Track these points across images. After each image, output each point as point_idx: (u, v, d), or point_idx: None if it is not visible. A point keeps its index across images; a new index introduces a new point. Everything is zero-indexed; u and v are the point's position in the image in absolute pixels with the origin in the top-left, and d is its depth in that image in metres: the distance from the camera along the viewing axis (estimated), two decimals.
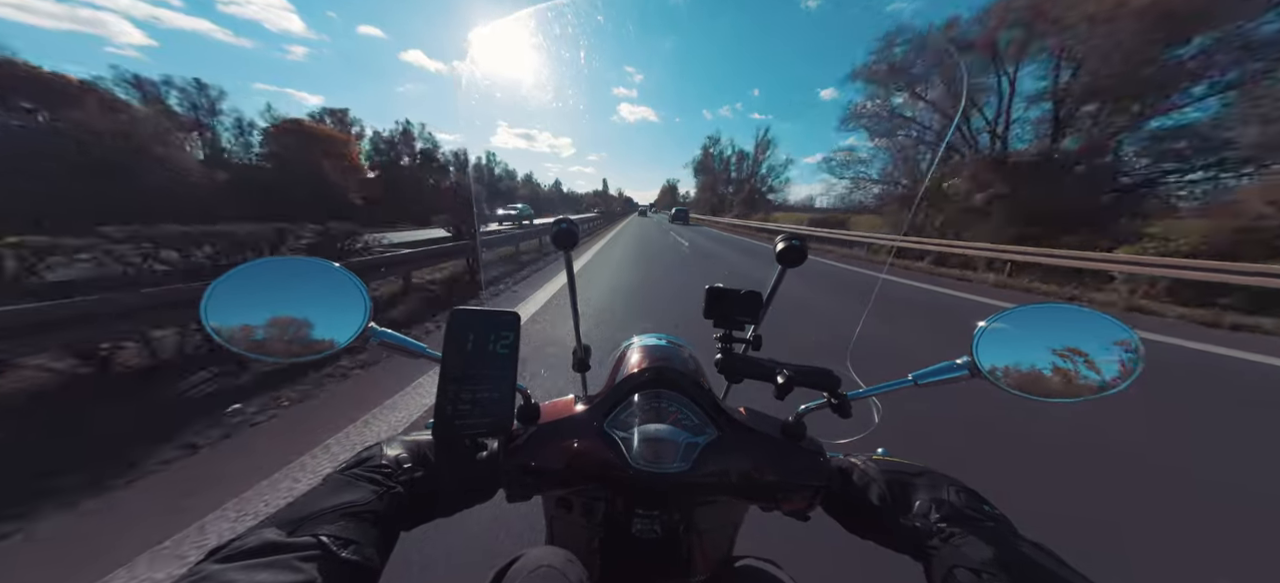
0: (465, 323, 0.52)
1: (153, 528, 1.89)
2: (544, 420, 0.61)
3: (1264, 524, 2.05)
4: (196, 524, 1.91)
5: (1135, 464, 2.54)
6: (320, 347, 0.49)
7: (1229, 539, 1.96)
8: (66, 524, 1.96)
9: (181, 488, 2.20)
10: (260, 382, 3.41)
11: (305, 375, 3.55)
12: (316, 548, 0.36)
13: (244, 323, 0.47)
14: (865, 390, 0.61)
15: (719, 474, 0.58)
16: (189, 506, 2.03)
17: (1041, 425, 2.82)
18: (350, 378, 3.60)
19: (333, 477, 0.46)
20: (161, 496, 2.14)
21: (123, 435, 2.63)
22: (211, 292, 0.46)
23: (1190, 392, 3.69)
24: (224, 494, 2.10)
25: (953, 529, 0.43)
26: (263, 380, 3.43)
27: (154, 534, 1.86)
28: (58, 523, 1.95)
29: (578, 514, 0.65)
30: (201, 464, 2.44)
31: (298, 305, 0.49)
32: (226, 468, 2.35)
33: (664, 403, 0.61)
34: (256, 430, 2.79)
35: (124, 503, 2.11)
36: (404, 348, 0.56)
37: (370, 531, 0.40)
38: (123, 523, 1.96)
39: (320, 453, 2.48)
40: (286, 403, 3.12)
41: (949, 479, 0.50)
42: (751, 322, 0.70)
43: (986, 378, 0.52)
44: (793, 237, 0.61)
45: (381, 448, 0.51)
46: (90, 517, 2.01)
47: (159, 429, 2.70)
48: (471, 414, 0.51)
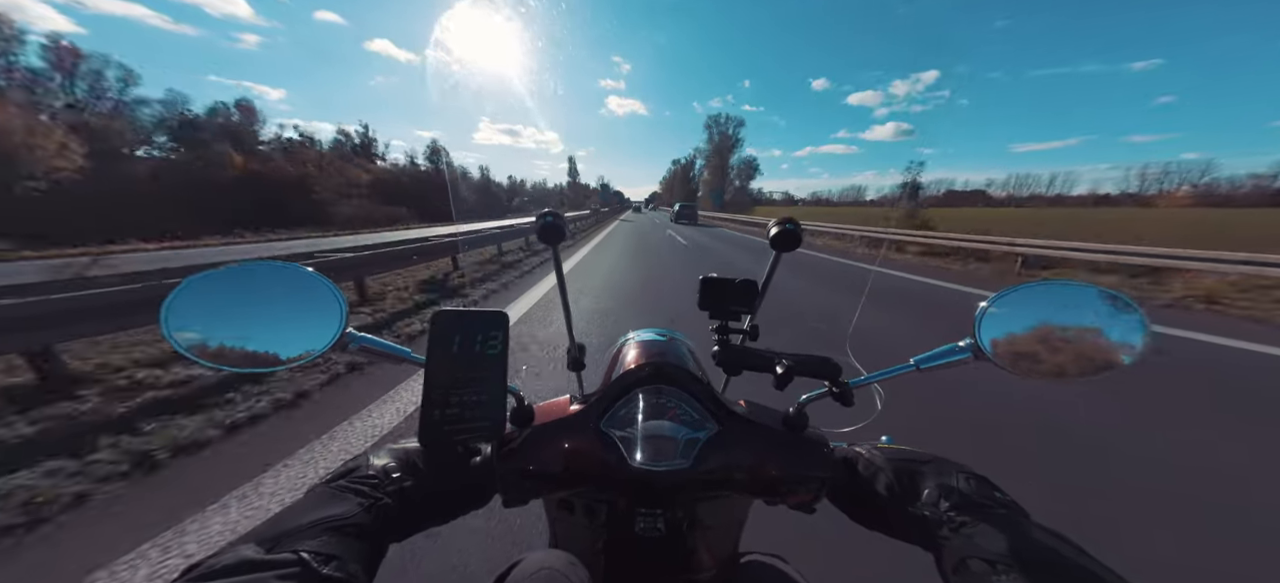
0: (450, 324, 0.50)
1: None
2: (539, 422, 0.59)
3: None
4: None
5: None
6: (293, 356, 0.46)
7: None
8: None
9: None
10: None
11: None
12: (296, 565, 0.34)
13: (208, 333, 0.44)
14: (866, 377, 0.60)
15: (721, 469, 0.56)
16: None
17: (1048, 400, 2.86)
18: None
19: (316, 489, 0.44)
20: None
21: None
22: (171, 301, 0.43)
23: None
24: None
25: (964, 518, 0.42)
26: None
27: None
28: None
29: (580, 516, 0.64)
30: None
31: (267, 312, 0.46)
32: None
33: (662, 399, 0.59)
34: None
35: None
36: (385, 353, 0.53)
37: (355, 545, 0.38)
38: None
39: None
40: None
41: (958, 466, 0.49)
42: (747, 312, 0.68)
43: (990, 359, 0.51)
44: (787, 220, 0.60)
45: (368, 458, 0.49)
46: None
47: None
48: (461, 420, 0.49)
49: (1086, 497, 2.09)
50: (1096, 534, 1.81)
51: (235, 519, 1.90)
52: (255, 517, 1.92)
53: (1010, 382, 1.01)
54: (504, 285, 7.66)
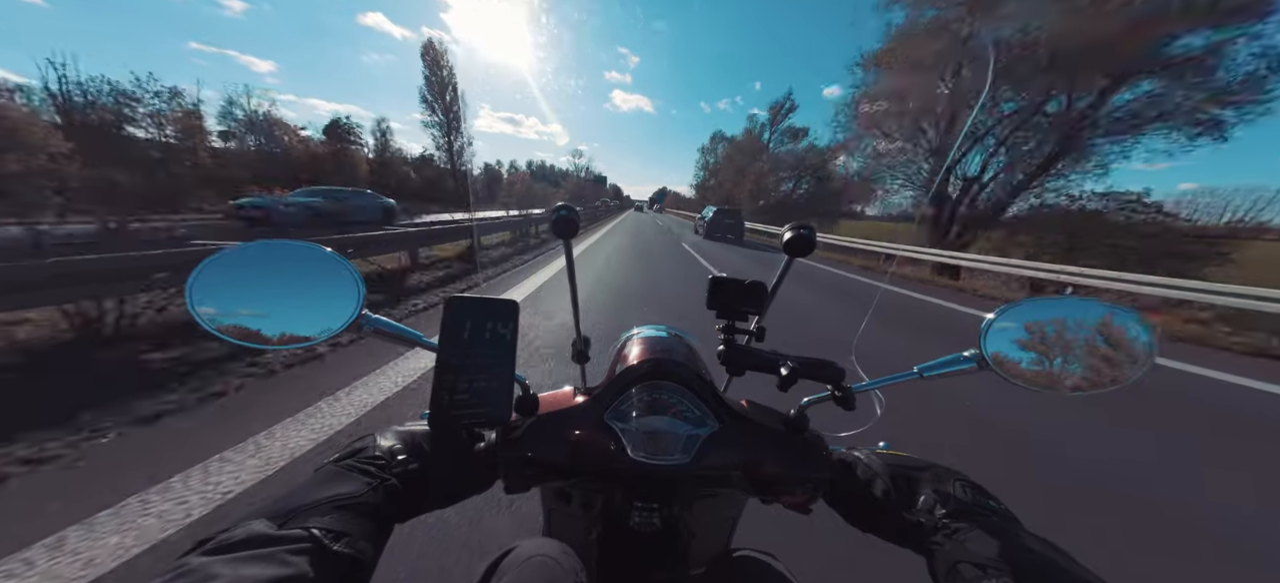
0: (462, 311, 0.51)
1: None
2: (543, 411, 0.60)
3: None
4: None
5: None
6: (311, 335, 0.48)
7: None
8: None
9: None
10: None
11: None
12: (308, 541, 0.35)
13: (232, 309, 0.46)
14: (869, 383, 0.60)
15: (720, 467, 0.57)
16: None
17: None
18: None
19: (325, 468, 0.45)
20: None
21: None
22: (196, 276, 0.44)
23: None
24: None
25: (957, 524, 0.43)
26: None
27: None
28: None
29: (576, 506, 0.65)
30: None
31: (287, 291, 0.48)
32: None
33: (664, 395, 0.60)
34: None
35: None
36: (398, 336, 0.54)
37: (363, 523, 0.40)
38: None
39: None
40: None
41: (954, 473, 0.50)
42: (755, 313, 0.69)
43: (994, 371, 0.51)
44: (801, 225, 0.60)
45: (375, 439, 0.50)
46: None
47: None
48: (468, 405, 0.50)
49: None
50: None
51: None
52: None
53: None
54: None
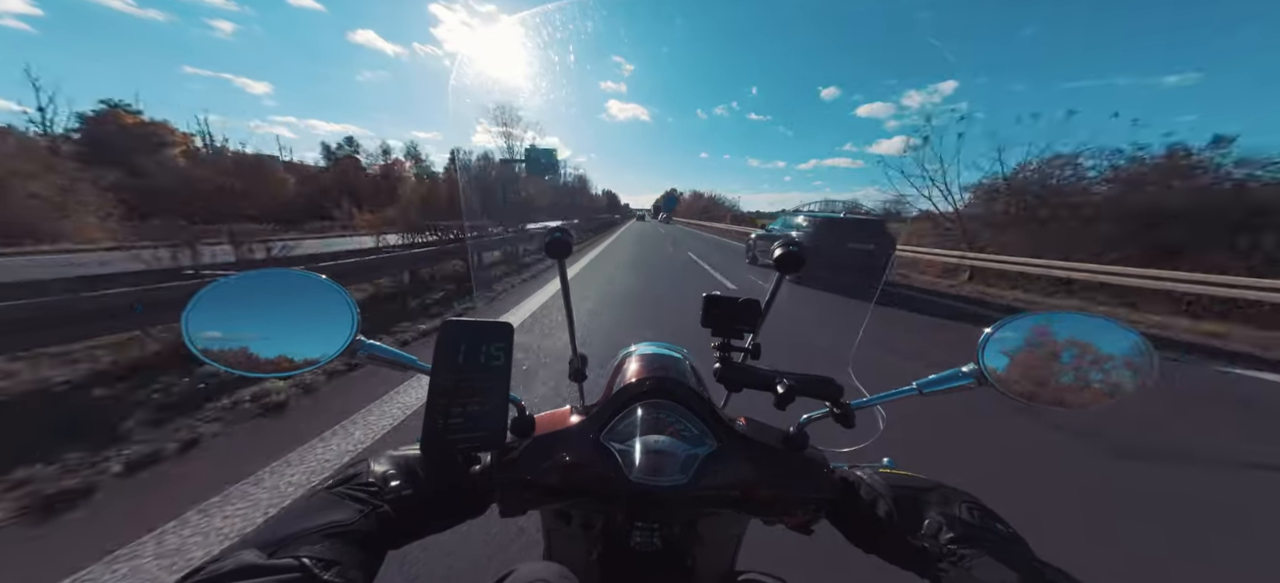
0: (456, 334, 0.51)
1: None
2: (539, 433, 0.60)
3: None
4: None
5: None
6: (306, 361, 0.48)
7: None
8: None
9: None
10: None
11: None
12: (298, 570, 0.34)
13: (227, 338, 0.46)
14: (868, 399, 0.59)
15: (719, 487, 0.56)
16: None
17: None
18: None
19: (316, 494, 0.45)
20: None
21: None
22: (192, 306, 0.45)
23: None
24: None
25: (965, 550, 0.41)
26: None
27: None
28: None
29: (576, 527, 0.64)
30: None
31: (282, 318, 0.48)
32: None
33: (662, 414, 0.59)
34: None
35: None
36: (392, 360, 0.54)
37: (355, 551, 0.39)
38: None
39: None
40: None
41: (961, 494, 0.48)
42: (750, 330, 0.68)
43: (993, 386, 0.50)
44: (790, 243, 0.60)
45: (368, 464, 0.49)
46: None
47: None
48: (463, 428, 0.50)
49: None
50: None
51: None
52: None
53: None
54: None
